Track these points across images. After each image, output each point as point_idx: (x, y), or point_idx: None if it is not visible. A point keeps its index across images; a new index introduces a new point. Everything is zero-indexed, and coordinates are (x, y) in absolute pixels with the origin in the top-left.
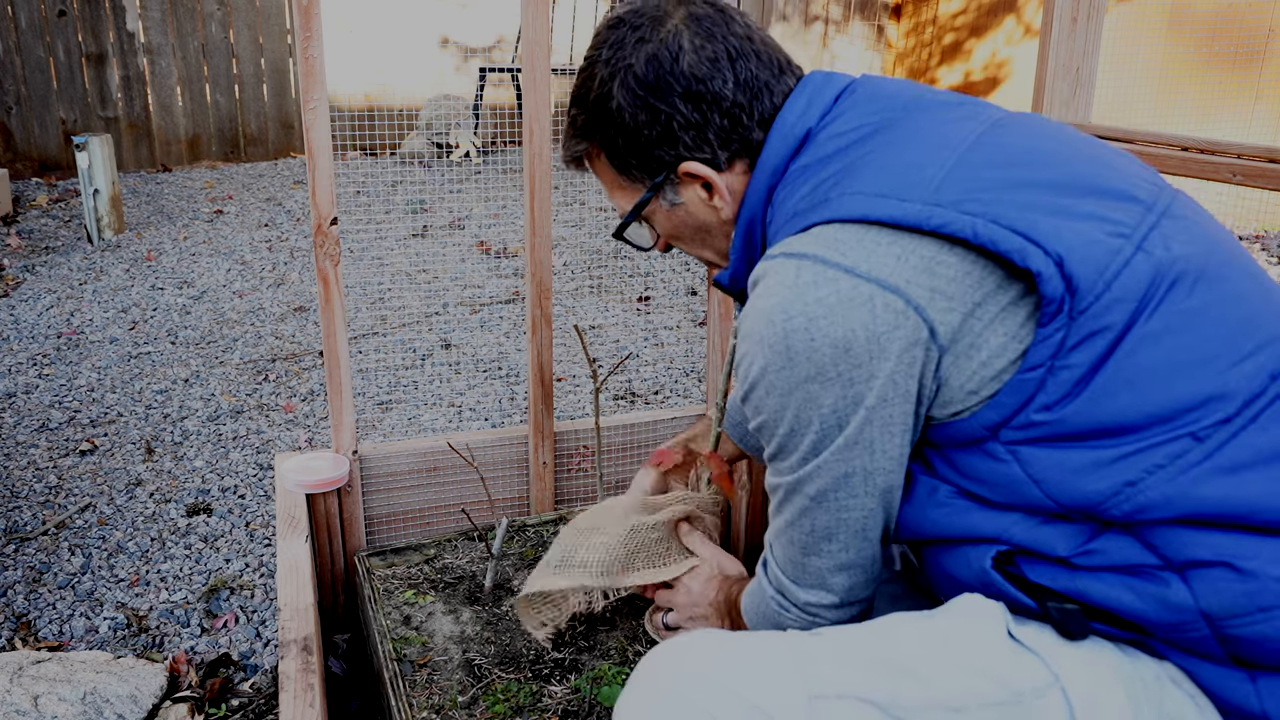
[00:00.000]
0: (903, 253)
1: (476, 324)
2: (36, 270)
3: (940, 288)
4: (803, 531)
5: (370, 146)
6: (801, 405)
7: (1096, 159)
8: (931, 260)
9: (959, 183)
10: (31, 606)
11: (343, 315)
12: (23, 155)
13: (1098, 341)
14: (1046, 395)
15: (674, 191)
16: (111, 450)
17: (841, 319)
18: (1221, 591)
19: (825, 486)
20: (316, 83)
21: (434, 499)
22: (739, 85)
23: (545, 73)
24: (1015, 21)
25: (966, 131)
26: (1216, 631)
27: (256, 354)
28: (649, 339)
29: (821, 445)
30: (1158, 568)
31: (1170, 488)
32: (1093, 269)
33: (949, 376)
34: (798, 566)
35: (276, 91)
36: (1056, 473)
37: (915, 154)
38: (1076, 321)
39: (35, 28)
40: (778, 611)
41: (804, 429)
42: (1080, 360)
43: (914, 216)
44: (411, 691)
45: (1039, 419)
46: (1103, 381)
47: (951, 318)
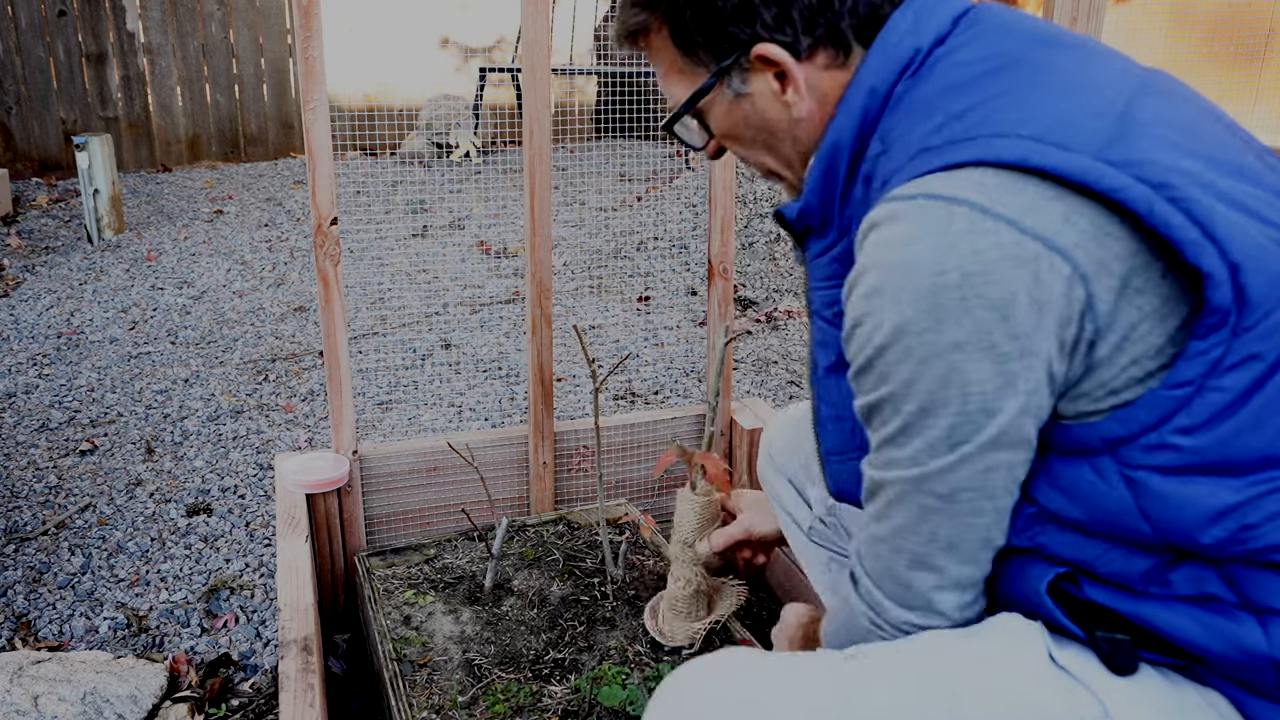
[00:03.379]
0: (1069, 212)
1: (476, 324)
2: (36, 270)
3: (1107, 263)
4: (918, 540)
5: (370, 146)
6: (943, 377)
7: (1250, 146)
8: (1101, 229)
9: (1128, 141)
10: (31, 606)
11: (343, 315)
12: (23, 155)
13: (1257, 364)
14: (1190, 417)
15: (741, 79)
16: (111, 450)
17: (1003, 278)
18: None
19: (959, 485)
20: (316, 83)
21: (434, 499)
22: None
23: (545, 73)
24: None
25: (1123, 81)
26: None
27: (256, 354)
28: (649, 339)
29: (962, 432)
30: (1234, 605)
31: (1266, 534)
32: (1267, 281)
33: (1097, 367)
34: (900, 583)
35: (276, 91)
36: (1173, 508)
37: (1072, 98)
38: (1239, 339)
39: (35, 28)
40: (869, 630)
41: (941, 408)
42: (1235, 384)
43: (1083, 172)
44: (411, 691)
45: (1174, 442)
46: (1255, 409)
47: (1112, 300)
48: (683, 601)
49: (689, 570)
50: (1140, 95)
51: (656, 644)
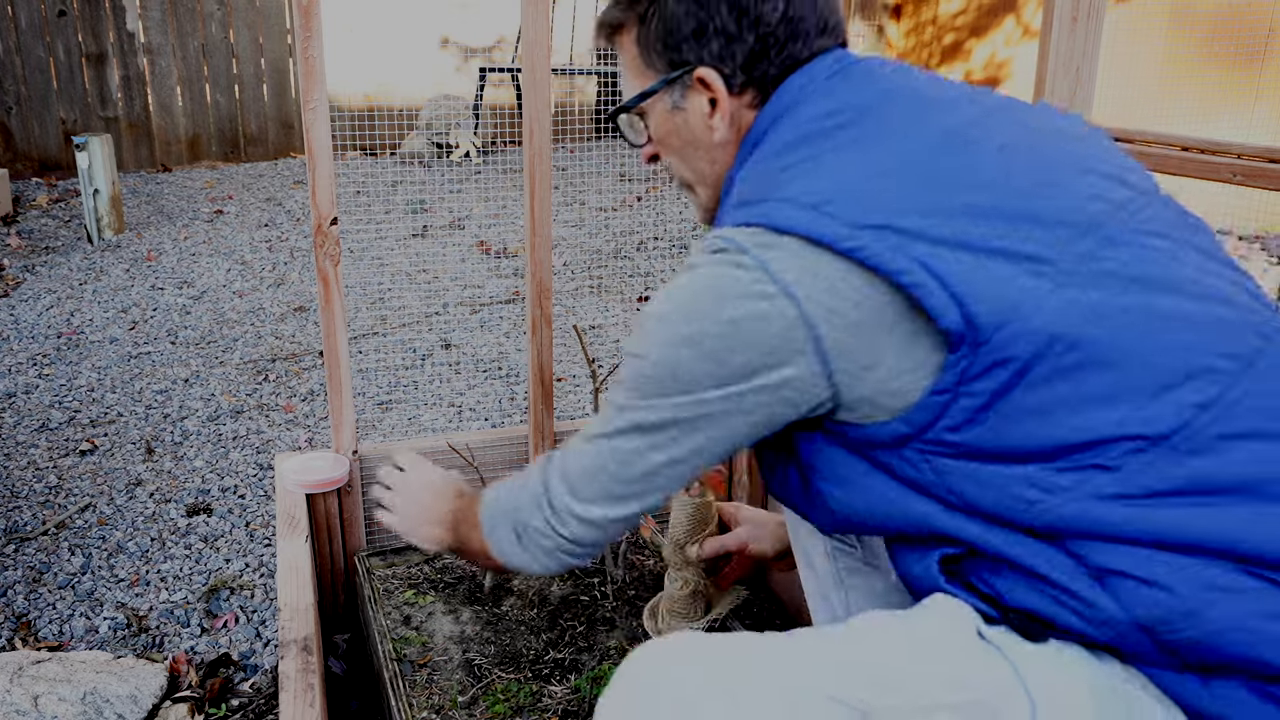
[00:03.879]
0: (813, 266)
1: (476, 324)
2: (36, 270)
3: (838, 307)
4: (615, 455)
5: (370, 146)
6: (673, 357)
7: (1047, 173)
8: (840, 280)
9: (887, 205)
10: (31, 606)
11: (343, 315)
12: (23, 155)
13: (1000, 373)
14: (951, 419)
15: (682, 94)
16: (111, 450)
17: (746, 309)
18: (1144, 601)
19: (657, 423)
20: (316, 83)
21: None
22: (785, 19)
23: (545, 73)
24: (1015, 22)
25: (920, 148)
26: (1155, 640)
27: (256, 354)
28: None
29: (667, 393)
30: (1080, 575)
31: (1073, 509)
32: (995, 306)
33: (842, 390)
34: (588, 477)
35: (276, 91)
36: (967, 484)
37: (856, 166)
38: (980, 353)
39: (35, 27)
40: (531, 504)
41: (663, 374)
42: (983, 389)
43: (832, 237)
44: (411, 691)
45: (948, 439)
46: (1007, 411)
47: (843, 335)
48: (680, 602)
49: (686, 571)
50: (936, 152)
51: None
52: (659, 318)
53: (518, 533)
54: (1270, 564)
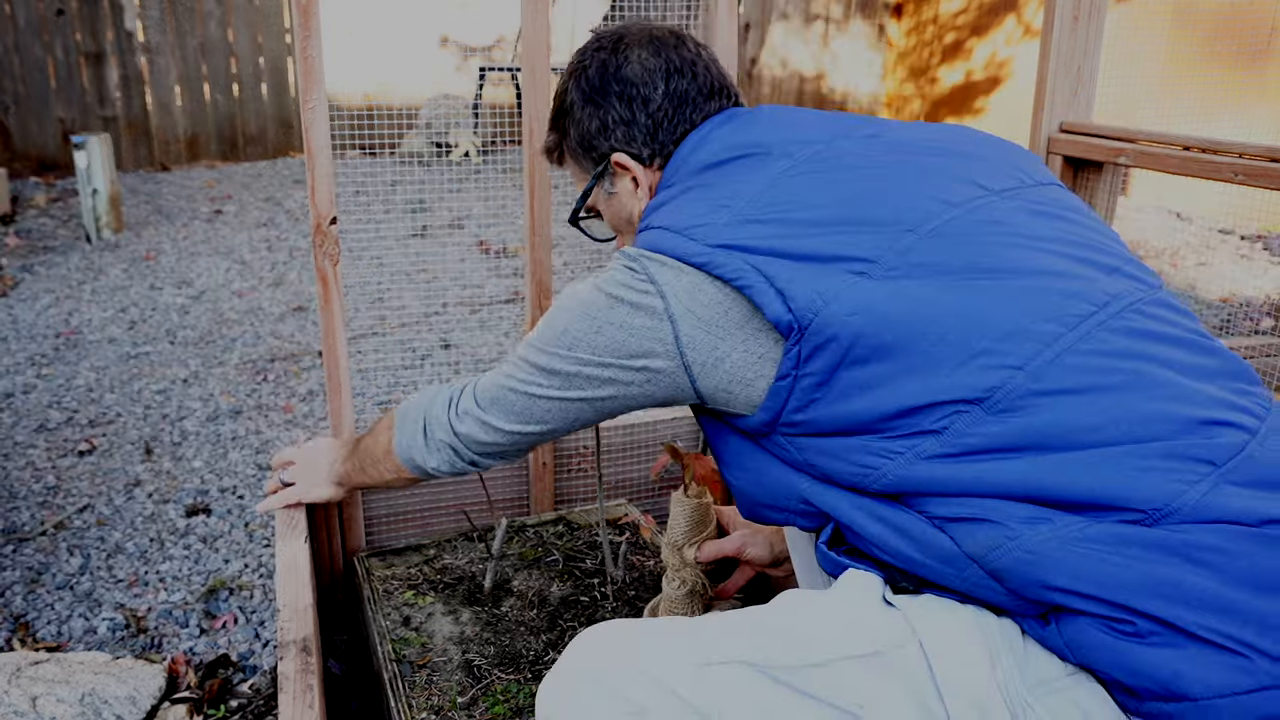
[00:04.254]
0: (678, 276)
1: (476, 324)
2: (35, 270)
3: (696, 310)
4: (514, 379)
5: (369, 146)
6: (573, 325)
7: (883, 185)
8: (695, 288)
9: (731, 229)
10: (30, 607)
11: (342, 315)
12: (21, 155)
13: (827, 353)
14: (796, 400)
15: (611, 182)
16: (110, 450)
17: (631, 298)
18: (967, 533)
19: (548, 368)
20: (315, 82)
21: (433, 499)
22: (667, 95)
23: (545, 72)
24: (1016, 21)
25: (772, 176)
26: (985, 568)
27: (255, 354)
28: None
29: (561, 348)
30: (914, 523)
31: (906, 471)
32: (812, 293)
33: (699, 380)
34: (490, 389)
35: (275, 90)
36: (820, 458)
37: (716, 198)
38: (806, 336)
39: (33, 27)
40: (442, 401)
41: (561, 335)
42: (816, 369)
43: (690, 254)
44: (411, 692)
45: (796, 419)
46: (839, 387)
47: (699, 334)
48: (679, 603)
49: (684, 572)
50: (777, 181)
51: None
52: (573, 296)
53: (425, 424)
54: (1074, 506)
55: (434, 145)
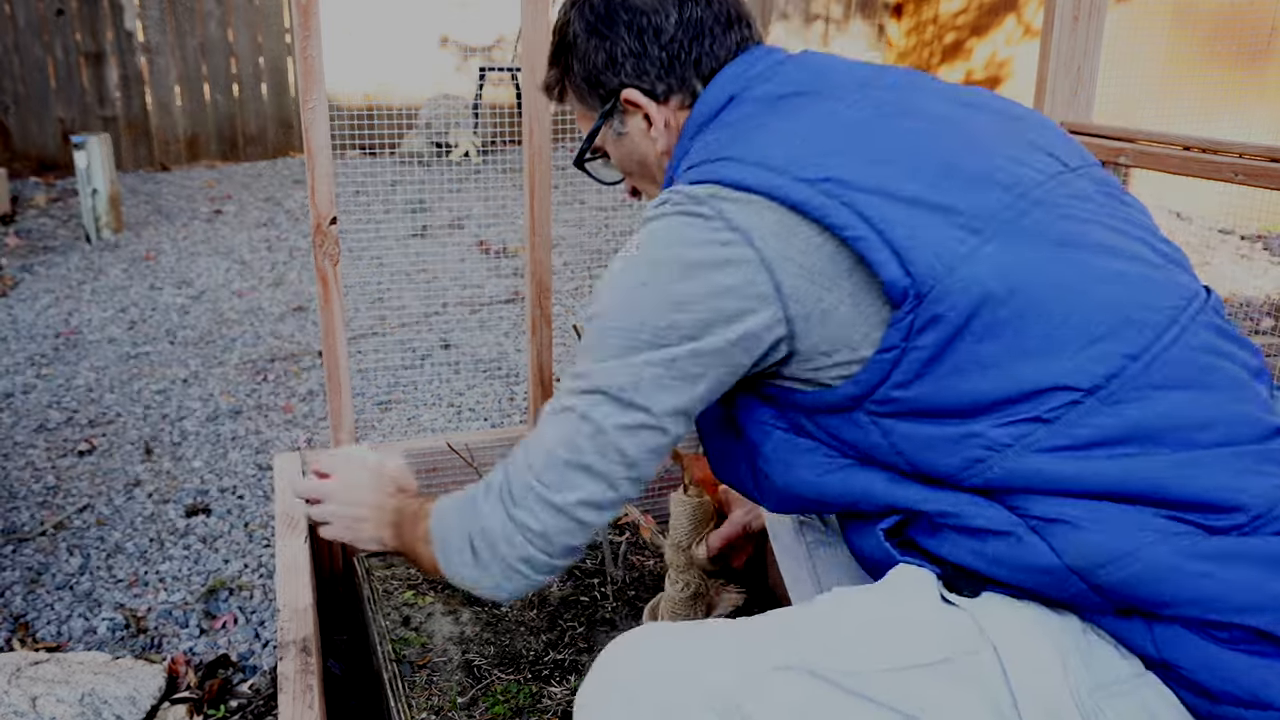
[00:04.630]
0: (760, 215)
1: (476, 324)
2: (35, 270)
3: (793, 255)
4: (581, 428)
5: (369, 146)
6: (637, 308)
7: (980, 142)
8: (787, 229)
9: (829, 162)
10: (30, 607)
11: (342, 315)
12: (21, 155)
13: (942, 326)
14: (901, 374)
15: (620, 120)
16: (110, 450)
17: (708, 254)
18: (1077, 544)
19: (624, 385)
20: (315, 82)
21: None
22: (681, 23)
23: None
24: (1016, 21)
25: (861, 115)
26: (1089, 584)
27: (255, 354)
28: None
29: (633, 348)
30: (1014, 525)
31: (1015, 464)
32: (932, 257)
33: (800, 338)
34: (551, 457)
35: (275, 90)
36: (914, 444)
37: (803, 129)
38: (923, 305)
39: (33, 27)
40: (489, 503)
41: (627, 328)
42: (928, 342)
43: (776, 189)
44: (411, 692)
45: (896, 396)
46: (950, 364)
47: (801, 283)
48: (681, 604)
49: (687, 573)
50: (873, 122)
51: None
52: (619, 273)
53: (473, 543)
54: (1191, 507)
55: (434, 145)
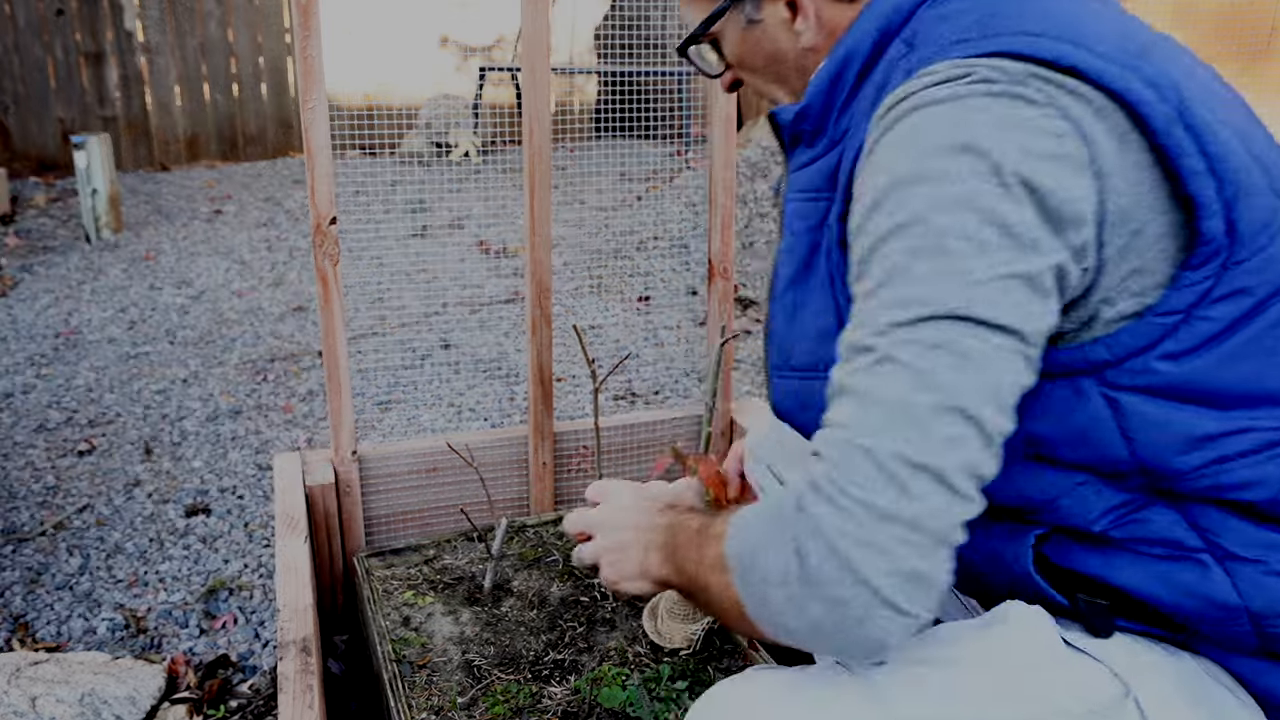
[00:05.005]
0: (1096, 112)
1: (476, 324)
2: (34, 270)
3: (1122, 170)
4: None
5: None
6: (967, 198)
7: (1248, 112)
8: (1124, 134)
9: (1153, 61)
10: (29, 607)
11: (342, 315)
12: (21, 155)
13: (1244, 300)
14: (1176, 344)
15: (755, 6)
16: (110, 451)
17: (1041, 147)
18: (1268, 590)
19: (956, 310)
20: (315, 82)
21: (433, 499)
22: None
23: (545, 73)
24: None
25: (1140, 22)
26: (1258, 629)
27: (255, 354)
28: (649, 339)
29: (962, 260)
30: (1198, 551)
31: (1243, 477)
32: (1259, 218)
33: (1106, 273)
34: (908, 415)
35: (275, 90)
36: (1153, 428)
37: (1099, 18)
38: (1230, 272)
39: (33, 27)
40: (799, 524)
41: (958, 229)
42: (1221, 315)
43: (1113, 79)
44: (411, 692)
45: (1158, 368)
46: (1240, 342)
47: (1125, 201)
48: (680, 604)
49: None
50: (1155, 39)
51: (656, 645)
52: (923, 158)
53: (801, 557)
54: None
55: (434, 145)
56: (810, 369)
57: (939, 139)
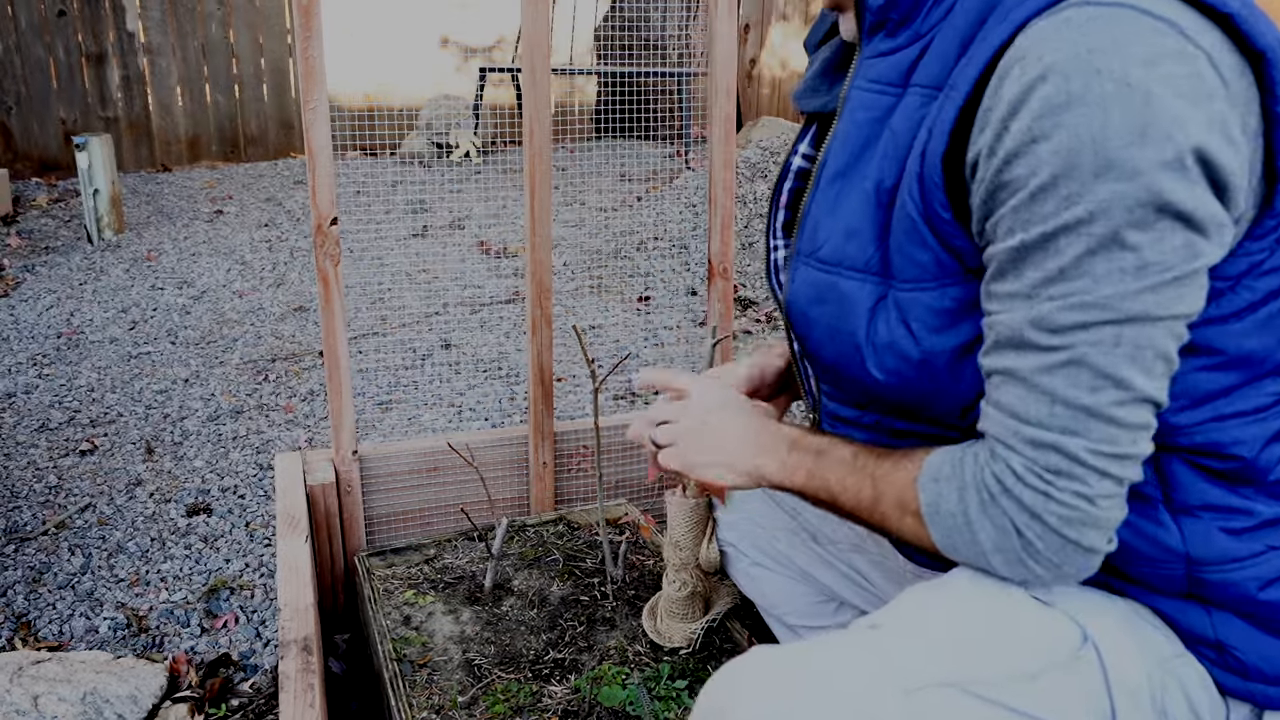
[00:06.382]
0: (1240, 70)
1: (476, 324)
2: (36, 270)
3: (1237, 88)
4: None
5: (370, 146)
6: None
7: None
8: (1249, 98)
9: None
10: (31, 606)
11: (343, 315)
12: (23, 155)
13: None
14: (1216, 309)
15: None
16: (111, 450)
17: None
18: (1210, 544)
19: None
20: (316, 83)
21: (434, 499)
22: None
23: (545, 73)
24: None
25: None
26: (1190, 572)
27: (256, 354)
28: (649, 339)
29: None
30: (1158, 503)
31: (1244, 433)
32: None
33: (1233, 196)
34: (1140, 355)
35: (276, 91)
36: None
37: None
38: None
39: (35, 27)
40: (1000, 495)
41: (1172, 181)
42: (1264, 286)
43: (1260, 35)
44: (411, 691)
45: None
46: (1269, 313)
47: (1245, 120)
48: (678, 603)
49: (684, 573)
50: None
51: (656, 645)
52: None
53: (1019, 533)
54: None
55: (434, 146)
56: (836, 264)
57: (1121, 120)
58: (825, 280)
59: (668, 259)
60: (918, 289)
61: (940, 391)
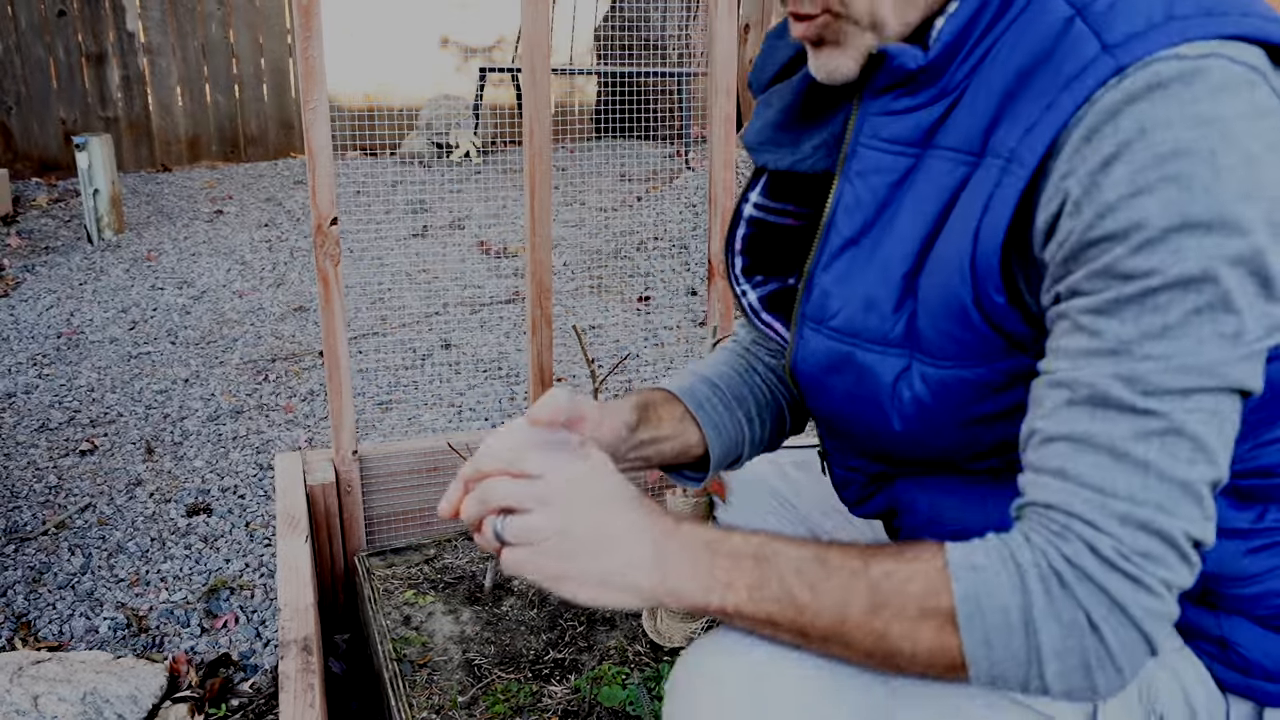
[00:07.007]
0: None
1: (476, 324)
2: (36, 270)
3: None
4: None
5: (370, 146)
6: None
7: None
8: None
9: None
10: (31, 606)
11: (343, 315)
12: (23, 155)
13: None
14: None
15: None
16: (111, 450)
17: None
18: (1231, 564)
19: None
20: (316, 83)
21: (434, 499)
22: None
23: (545, 73)
24: None
25: None
26: (1207, 587)
27: (256, 354)
28: (649, 339)
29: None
30: None
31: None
32: None
33: None
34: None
35: (276, 91)
36: None
37: None
38: None
39: (35, 27)
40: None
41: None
42: None
43: None
44: (411, 691)
45: None
46: None
47: None
48: None
49: None
50: None
51: (656, 644)
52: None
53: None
54: None
55: (434, 146)
56: (852, 335)
57: (1230, 173)
58: (840, 350)
59: (668, 259)
60: (959, 367)
61: (959, 444)
